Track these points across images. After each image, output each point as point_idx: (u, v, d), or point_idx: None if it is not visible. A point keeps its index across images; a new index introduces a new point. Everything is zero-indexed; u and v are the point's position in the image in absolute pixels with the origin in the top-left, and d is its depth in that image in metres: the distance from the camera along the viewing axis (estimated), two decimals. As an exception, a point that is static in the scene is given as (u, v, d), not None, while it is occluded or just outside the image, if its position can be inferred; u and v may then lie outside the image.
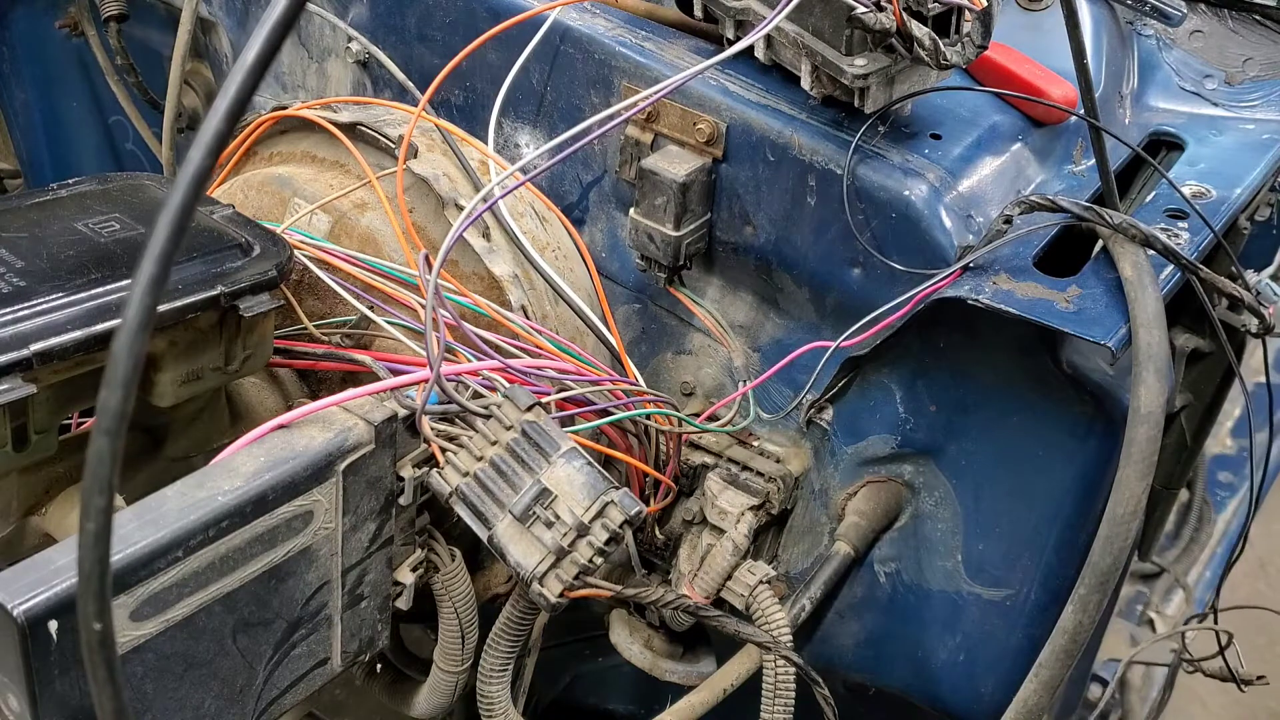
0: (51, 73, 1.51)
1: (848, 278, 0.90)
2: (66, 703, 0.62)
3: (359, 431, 0.75)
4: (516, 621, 0.89)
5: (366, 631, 0.82)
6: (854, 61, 0.81)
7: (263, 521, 0.70)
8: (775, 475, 0.95)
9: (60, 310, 0.70)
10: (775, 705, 0.86)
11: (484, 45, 0.96)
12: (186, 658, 0.68)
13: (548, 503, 0.77)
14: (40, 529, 0.78)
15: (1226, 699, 1.98)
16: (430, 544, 0.86)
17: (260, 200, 0.99)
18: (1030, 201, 0.84)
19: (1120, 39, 1.06)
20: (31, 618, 0.59)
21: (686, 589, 0.94)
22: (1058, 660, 0.74)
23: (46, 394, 0.70)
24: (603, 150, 0.98)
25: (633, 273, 1.00)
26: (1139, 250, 0.82)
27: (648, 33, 0.97)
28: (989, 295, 0.81)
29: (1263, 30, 1.08)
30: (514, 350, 0.89)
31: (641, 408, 0.91)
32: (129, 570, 0.63)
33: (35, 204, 0.81)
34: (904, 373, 0.93)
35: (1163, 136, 1.03)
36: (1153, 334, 0.77)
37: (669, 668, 1.02)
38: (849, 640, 1.06)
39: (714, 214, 0.94)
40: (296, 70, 1.17)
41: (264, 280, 0.77)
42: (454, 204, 0.94)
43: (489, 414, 0.80)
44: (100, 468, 0.40)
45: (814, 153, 0.87)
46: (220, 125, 0.40)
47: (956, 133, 0.91)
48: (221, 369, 0.79)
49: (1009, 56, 0.95)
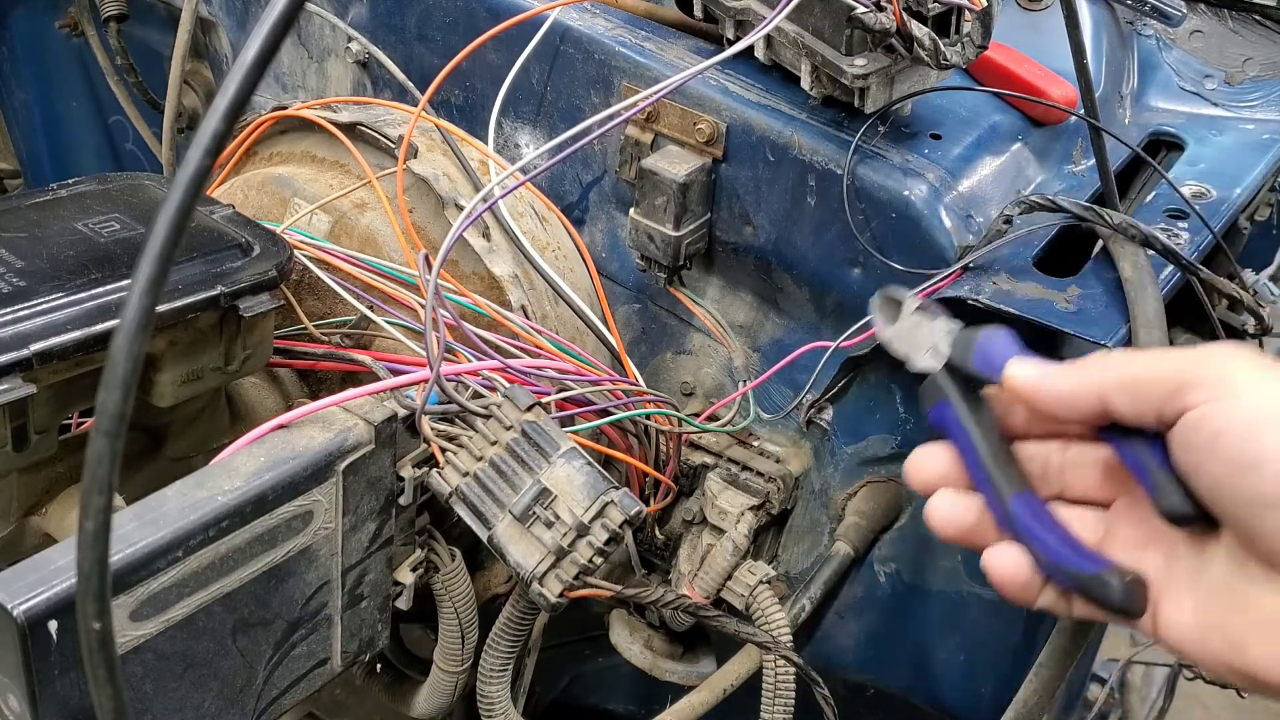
0: (51, 73, 1.51)
1: (848, 278, 0.90)
2: (66, 703, 0.62)
3: (359, 431, 0.75)
4: (516, 621, 0.89)
5: (366, 631, 0.82)
6: (854, 61, 0.81)
7: (263, 521, 0.70)
8: (775, 475, 0.95)
9: (60, 310, 0.70)
10: (775, 705, 0.86)
11: (484, 45, 0.96)
12: (186, 658, 0.68)
13: (548, 503, 0.77)
14: (40, 529, 0.78)
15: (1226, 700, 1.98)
16: (430, 544, 0.86)
17: (260, 200, 0.99)
18: (1030, 201, 0.84)
19: (1120, 39, 1.06)
20: (31, 618, 0.59)
21: (686, 589, 0.94)
22: (1058, 660, 0.74)
23: (46, 394, 0.70)
24: (603, 150, 0.98)
25: (633, 273, 1.00)
26: (1139, 250, 0.82)
27: (648, 33, 0.97)
28: (989, 295, 0.81)
29: (1263, 30, 1.08)
30: (514, 350, 0.89)
31: (641, 408, 0.91)
32: (129, 570, 0.63)
33: (35, 204, 0.81)
34: (904, 373, 0.93)
35: (1163, 136, 1.03)
36: (1153, 334, 0.77)
37: (669, 668, 1.02)
38: (849, 640, 1.06)
39: (714, 214, 0.94)
40: (296, 70, 1.17)
41: (264, 280, 0.77)
42: (454, 204, 0.94)
43: (489, 414, 0.80)
44: (100, 468, 0.40)
45: (814, 153, 0.87)
46: (219, 125, 0.40)
47: (956, 133, 0.91)
48: (221, 369, 0.79)
49: (1009, 56, 0.95)
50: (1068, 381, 0.58)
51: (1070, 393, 0.57)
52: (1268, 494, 0.50)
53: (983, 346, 0.64)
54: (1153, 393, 0.54)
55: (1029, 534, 0.60)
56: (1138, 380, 0.55)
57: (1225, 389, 0.52)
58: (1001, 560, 0.61)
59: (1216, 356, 0.53)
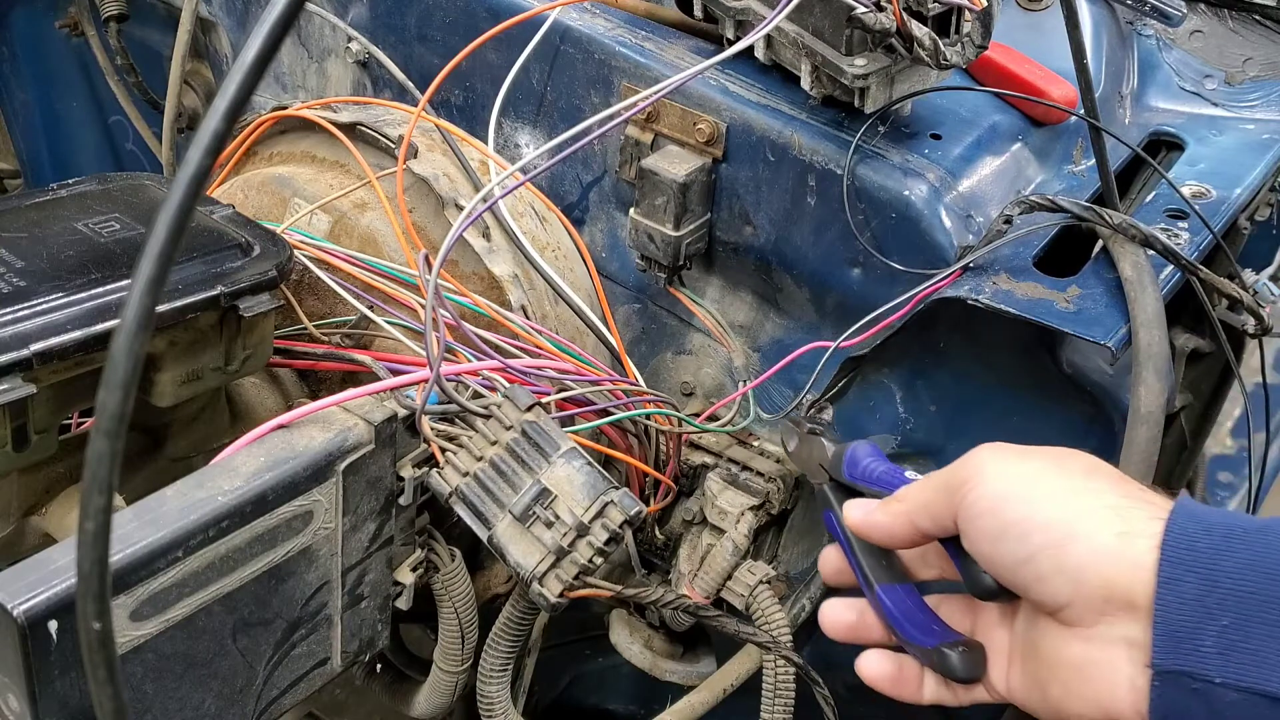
0: (51, 73, 1.51)
1: (848, 278, 0.90)
2: (66, 703, 0.62)
3: (359, 431, 0.75)
4: (516, 621, 0.89)
5: (366, 631, 0.82)
6: (854, 61, 0.81)
7: (263, 521, 0.70)
8: (775, 475, 0.95)
9: (60, 310, 0.70)
10: (775, 705, 0.86)
11: (484, 45, 0.96)
12: (186, 658, 0.68)
13: (548, 503, 0.77)
14: (40, 529, 0.78)
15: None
16: (430, 544, 0.86)
17: (260, 200, 0.99)
18: (1030, 201, 0.84)
19: (1120, 39, 1.06)
20: (31, 618, 0.59)
21: (686, 589, 0.94)
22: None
23: (46, 394, 0.70)
24: (603, 150, 0.98)
25: (633, 273, 1.00)
26: (1139, 250, 0.82)
27: (648, 33, 0.97)
28: (989, 295, 0.81)
29: (1263, 30, 1.08)
30: (514, 350, 0.89)
31: (641, 408, 0.91)
32: (129, 570, 0.63)
33: (35, 204, 0.81)
34: (904, 373, 0.93)
35: (1163, 136, 1.03)
36: (1153, 334, 0.77)
37: (669, 668, 1.02)
38: (849, 640, 1.06)
39: (714, 214, 0.94)
40: (296, 70, 1.17)
41: (264, 280, 0.77)
42: (454, 204, 0.94)
43: (489, 414, 0.80)
44: (100, 468, 0.40)
45: (814, 153, 0.87)
46: (219, 125, 0.40)
47: (956, 133, 0.91)
48: (221, 369, 0.79)
49: (1009, 56, 0.95)
50: (885, 517, 0.69)
51: (889, 526, 0.69)
52: (1019, 554, 0.60)
53: (849, 459, 0.77)
54: (939, 505, 0.65)
55: (890, 616, 0.70)
56: (927, 501, 0.66)
57: (978, 479, 0.62)
58: (868, 661, 0.71)
59: (973, 457, 0.64)
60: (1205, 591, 0.55)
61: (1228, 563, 0.55)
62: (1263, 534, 0.56)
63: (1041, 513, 0.60)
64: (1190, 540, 0.56)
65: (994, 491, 0.62)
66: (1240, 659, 0.54)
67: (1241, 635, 0.54)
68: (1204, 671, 0.54)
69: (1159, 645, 0.55)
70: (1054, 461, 0.63)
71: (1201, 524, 0.57)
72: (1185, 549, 0.56)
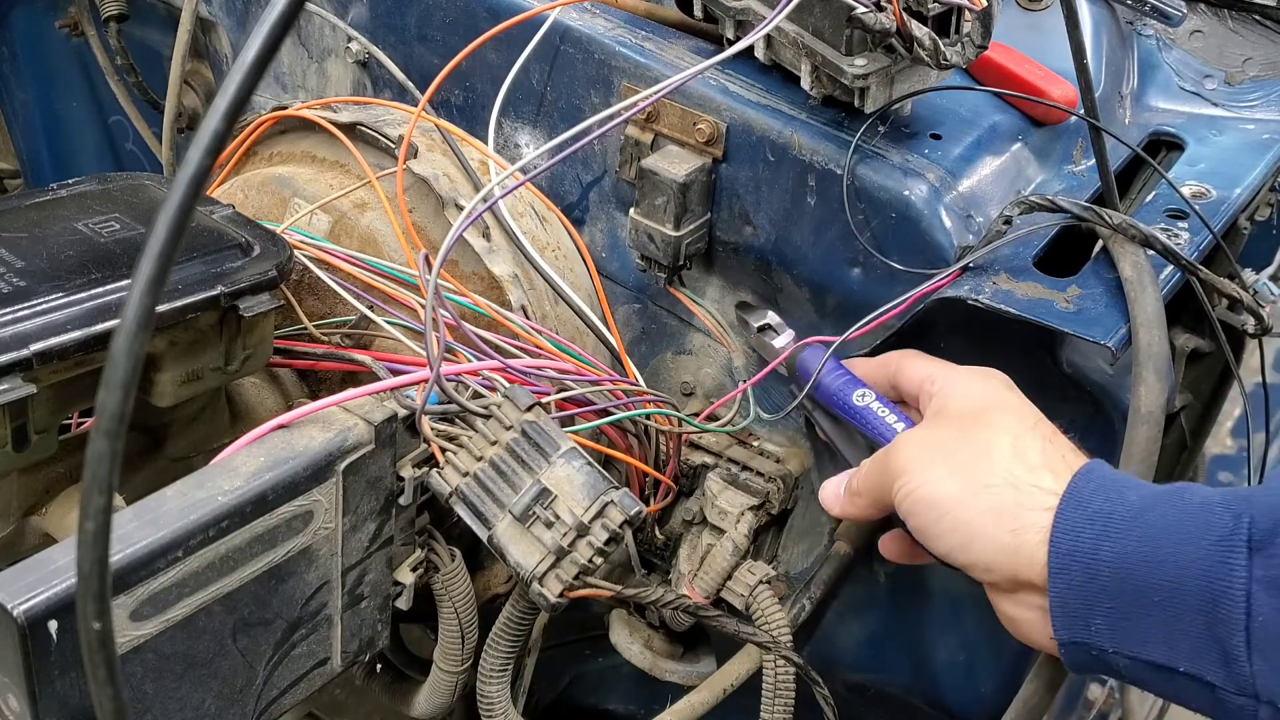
0: (51, 73, 1.51)
1: (848, 278, 0.90)
2: (66, 703, 0.62)
3: (359, 431, 0.75)
4: (516, 621, 0.89)
5: (366, 631, 0.82)
6: (854, 61, 0.81)
7: (263, 521, 0.70)
8: (775, 475, 0.95)
9: (60, 310, 0.70)
10: (775, 705, 0.86)
11: (484, 45, 0.96)
12: (186, 658, 0.68)
13: (548, 503, 0.77)
14: (40, 529, 0.78)
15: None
16: (430, 544, 0.86)
17: (260, 200, 0.99)
18: (1030, 201, 0.84)
19: (1120, 39, 1.06)
20: (31, 618, 0.59)
21: (686, 589, 0.94)
22: (1058, 660, 0.74)
23: (46, 394, 0.70)
24: (603, 150, 0.98)
25: (633, 273, 1.00)
26: (1139, 250, 0.82)
27: (648, 33, 0.97)
28: (989, 295, 0.81)
29: (1263, 30, 1.08)
30: (514, 350, 0.89)
31: (641, 408, 0.91)
32: (129, 570, 0.63)
33: (35, 204, 0.81)
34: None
35: (1163, 136, 1.03)
36: (1153, 334, 0.77)
37: (669, 668, 1.02)
38: (849, 640, 1.06)
39: (714, 214, 0.94)
40: (296, 70, 1.17)
41: (264, 280, 0.77)
42: (454, 204, 0.94)
43: (489, 414, 0.80)
44: (100, 468, 0.40)
45: (814, 153, 0.87)
46: (219, 125, 0.40)
47: (956, 133, 0.91)
48: (221, 369, 0.79)
49: (1009, 56, 0.95)
50: (854, 509, 0.80)
51: (859, 515, 0.80)
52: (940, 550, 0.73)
53: (801, 372, 0.88)
54: (884, 497, 0.75)
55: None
56: (876, 496, 0.77)
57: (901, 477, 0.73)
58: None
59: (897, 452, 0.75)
60: (1089, 579, 0.64)
61: (1106, 553, 0.64)
62: (1137, 521, 0.64)
63: (948, 517, 0.70)
64: (1075, 533, 0.65)
65: (913, 496, 0.72)
66: (1125, 635, 0.63)
67: (1123, 615, 0.63)
68: (1099, 644, 0.64)
69: (1057, 624, 0.66)
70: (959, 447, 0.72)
71: (1085, 512, 0.65)
72: (1070, 541, 0.65)
